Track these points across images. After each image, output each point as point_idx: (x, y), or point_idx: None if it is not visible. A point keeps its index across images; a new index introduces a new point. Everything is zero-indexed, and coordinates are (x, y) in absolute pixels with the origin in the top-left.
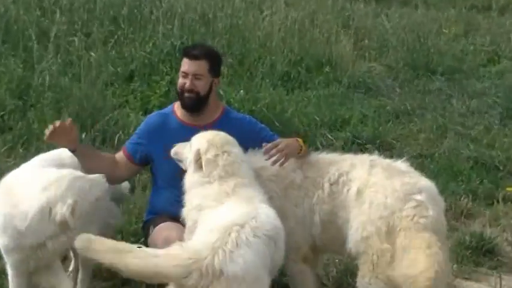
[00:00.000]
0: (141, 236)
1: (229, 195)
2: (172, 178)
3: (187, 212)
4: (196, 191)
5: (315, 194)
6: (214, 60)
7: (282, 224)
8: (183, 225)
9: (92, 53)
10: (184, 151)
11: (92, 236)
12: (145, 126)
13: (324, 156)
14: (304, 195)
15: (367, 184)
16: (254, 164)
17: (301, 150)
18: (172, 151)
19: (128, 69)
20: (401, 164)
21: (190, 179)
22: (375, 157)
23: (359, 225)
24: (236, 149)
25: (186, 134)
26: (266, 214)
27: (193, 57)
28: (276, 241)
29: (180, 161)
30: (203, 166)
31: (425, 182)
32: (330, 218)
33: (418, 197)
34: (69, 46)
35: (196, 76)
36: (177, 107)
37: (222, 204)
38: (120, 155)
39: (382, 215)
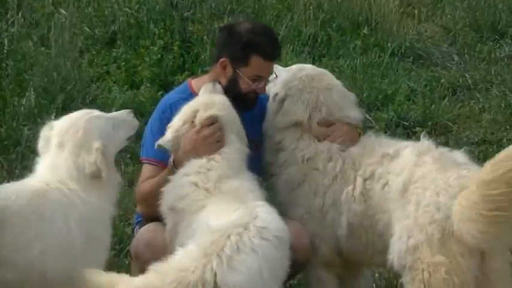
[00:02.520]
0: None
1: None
2: None
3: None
4: None
5: (343, 189)
6: None
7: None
8: None
9: (63, 10)
10: None
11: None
12: (165, 122)
13: (364, 141)
14: (329, 185)
15: (412, 178)
16: None
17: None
18: None
19: (109, 31)
20: (457, 154)
21: None
22: (424, 143)
23: (404, 231)
24: None
25: None
26: (268, 212)
27: (272, 57)
28: (286, 243)
29: None
30: None
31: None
32: (361, 222)
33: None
34: (33, 1)
35: (268, 78)
36: (197, 87)
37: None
38: (152, 170)
39: (433, 218)
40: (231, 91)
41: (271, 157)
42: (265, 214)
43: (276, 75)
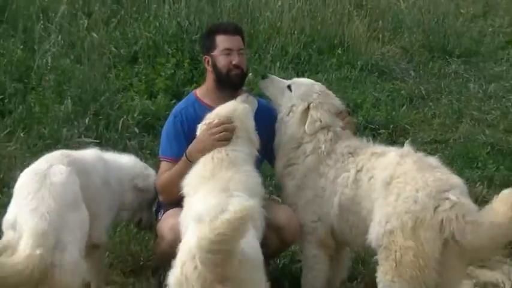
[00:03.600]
0: None
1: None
2: None
3: None
4: None
5: (341, 174)
6: (244, 36)
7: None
8: None
9: (94, 34)
10: None
11: None
12: (178, 126)
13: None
14: (332, 166)
15: (395, 174)
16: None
17: None
18: None
19: (132, 50)
20: (432, 159)
21: None
22: (406, 148)
23: (383, 217)
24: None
25: None
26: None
27: (232, 32)
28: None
29: None
30: None
31: (456, 179)
32: (350, 205)
33: (452, 196)
34: (71, 27)
35: (240, 51)
36: (201, 95)
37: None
38: (167, 165)
39: (410, 209)
40: (218, 77)
41: (289, 152)
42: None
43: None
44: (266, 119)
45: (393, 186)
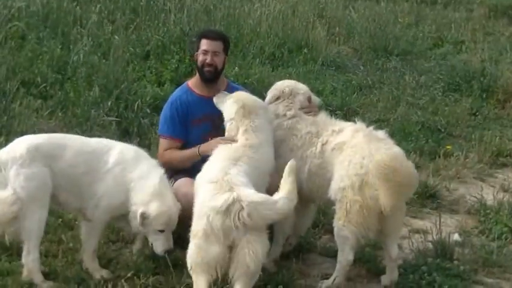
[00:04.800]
0: None
1: None
2: (201, 141)
3: None
4: None
5: (309, 148)
6: (226, 42)
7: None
8: None
9: (116, 37)
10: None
11: None
12: (174, 111)
13: (325, 119)
14: (301, 145)
15: (349, 144)
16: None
17: None
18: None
19: (145, 49)
20: (380, 132)
21: None
22: (360, 124)
23: (338, 177)
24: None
25: (205, 103)
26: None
27: (212, 38)
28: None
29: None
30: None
31: (396, 149)
32: (317, 171)
33: (389, 162)
34: (99, 31)
35: (215, 53)
36: (192, 85)
37: None
38: (165, 141)
39: (357, 172)
40: (198, 72)
41: None
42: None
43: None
44: None
45: (347, 154)
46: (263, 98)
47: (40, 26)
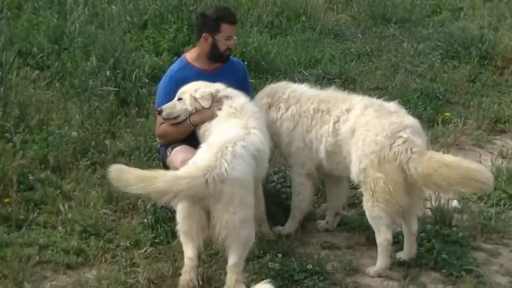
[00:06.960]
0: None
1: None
2: None
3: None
4: None
5: (323, 127)
6: None
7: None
8: (194, 147)
9: (113, 6)
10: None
11: (123, 166)
12: (173, 85)
13: (335, 94)
14: (314, 125)
15: (360, 123)
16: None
17: None
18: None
19: (143, 19)
20: (391, 105)
21: None
22: (370, 99)
23: (356, 159)
24: None
25: (206, 77)
26: (253, 138)
27: (234, 22)
28: (258, 159)
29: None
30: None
31: (409, 120)
32: (334, 149)
33: (404, 134)
34: (95, 1)
35: (234, 37)
36: (191, 59)
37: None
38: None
39: (373, 150)
40: (213, 53)
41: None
42: (251, 136)
43: None
44: (241, 71)
45: (359, 133)
46: (262, 66)
47: None
